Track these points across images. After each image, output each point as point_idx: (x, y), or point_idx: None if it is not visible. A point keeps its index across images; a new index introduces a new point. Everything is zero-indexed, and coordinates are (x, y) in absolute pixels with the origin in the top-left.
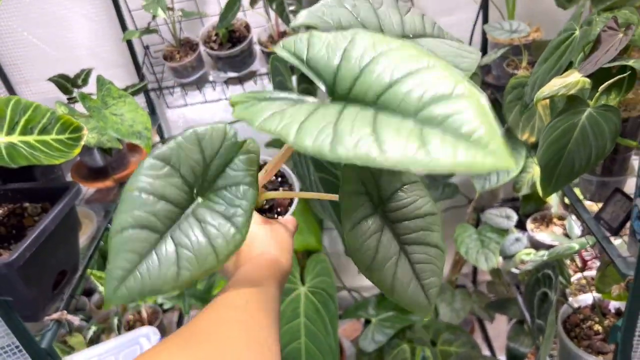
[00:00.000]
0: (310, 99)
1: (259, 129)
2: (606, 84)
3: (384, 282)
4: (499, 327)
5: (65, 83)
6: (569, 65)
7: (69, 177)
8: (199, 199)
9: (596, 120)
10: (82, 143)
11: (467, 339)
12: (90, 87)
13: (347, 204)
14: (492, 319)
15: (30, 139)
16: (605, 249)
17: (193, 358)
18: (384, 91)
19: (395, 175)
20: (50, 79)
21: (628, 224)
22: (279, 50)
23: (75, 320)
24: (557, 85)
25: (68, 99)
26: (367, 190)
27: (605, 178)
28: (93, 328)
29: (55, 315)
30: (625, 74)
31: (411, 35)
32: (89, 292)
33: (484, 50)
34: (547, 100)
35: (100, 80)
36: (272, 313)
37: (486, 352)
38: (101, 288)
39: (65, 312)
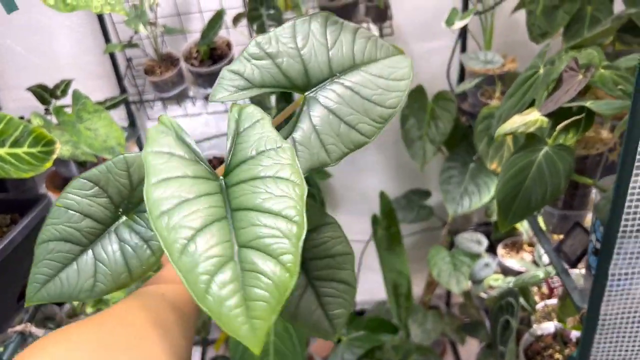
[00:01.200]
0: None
1: None
2: (563, 123)
3: (285, 310)
4: (471, 349)
5: (43, 93)
6: (533, 102)
7: (43, 187)
8: (123, 218)
9: (552, 159)
10: (54, 157)
11: None
12: (70, 98)
13: None
14: (464, 342)
15: (1, 151)
16: (563, 280)
17: (102, 338)
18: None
19: (311, 216)
20: (29, 89)
21: (585, 258)
22: None
23: (40, 332)
24: (517, 122)
25: (46, 109)
26: None
27: (567, 211)
28: None
29: (18, 328)
30: (582, 115)
31: (338, 74)
32: (59, 302)
33: (462, 78)
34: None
35: (76, 95)
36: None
37: None
38: None
39: (29, 324)
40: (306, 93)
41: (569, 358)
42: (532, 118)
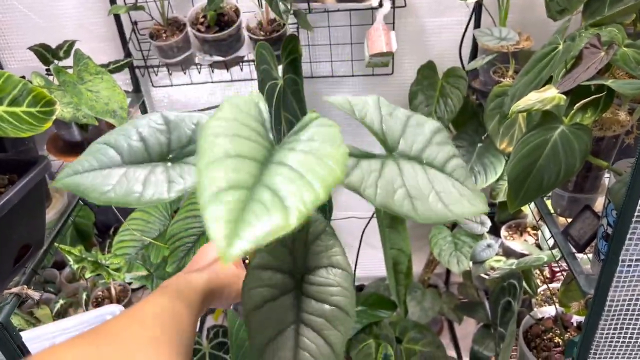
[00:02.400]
0: None
1: None
2: (582, 102)
3: (255, 336)
4: (468, 328)
5: (45, 53)
6: (550, 80)
7: (43, 149)
8: (169, 163)
9: (568, 138)
10: (54, 118)
11: (432, 338)
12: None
13: (266, 247)
14: (461, 321)
15: None
16: (569, 264)
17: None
18: None
19: (329, 250)
20: (30, 48)
21: (594, 242)
22: None
23: (36, 295)
24: (533, 99)
25: (47, 70)
26: (294, 248)
27: (577, 194)
28: (61, 301)
29: (15, 289)
30: (602, 94)
31: (424, 161)
32: (61, 265)
33: (474, 55)
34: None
35: (77, 55)
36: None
37: (452, 353)
38: (71, 262)
39: (25, 286)
40: (392, 153)
41: (569, 342)
42: (549, 95)
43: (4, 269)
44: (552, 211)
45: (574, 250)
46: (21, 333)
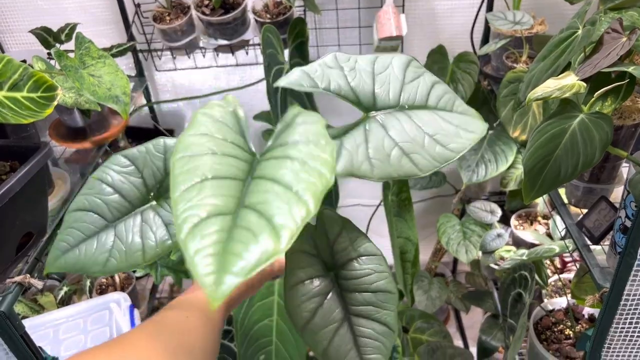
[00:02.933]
0: None
1: None
2: (603, 90)
3: (316, 345)
4: (474, 317)
5: (46, 36)
6: (568, 66)
7: (45, 135)
8: (153, 202)
9: (587, 128)
10: (55, 103)
11: (439, 328)
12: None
13: (293, 262)
14: (468, 310)
15: None
16: (584, 257)
17: None
18: None
19: (353, 242)
20: (31, 31)
21: (610, 234)
22: None
23: (39, 284)
24: (552, 87)
25: (49, 54)
26: (319, 252)
27: (593, 185)
28: (65, 289)
29: (17, 278)
30: (624, 81)
31: (406, 107)
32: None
33: (486, 39)
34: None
35: (79, 38)
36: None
37: (459, 341)
38: None
39: (28, 275)
40: (369, 113)
41: (582, 335)
42: (568, 82)
43: (6, 258)
44: (566, 201)
45: (588, 242)
46: (25, 320)
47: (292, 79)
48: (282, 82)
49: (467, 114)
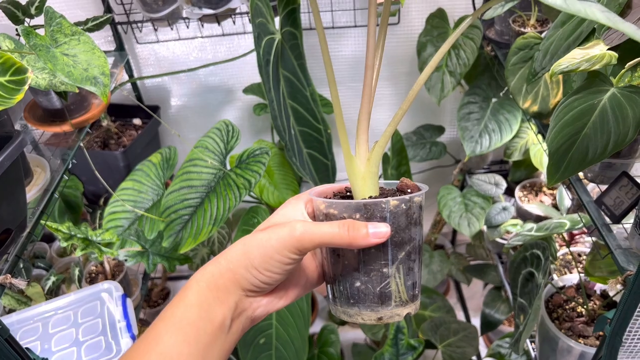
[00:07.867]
0: None
1: None
2: (636, 60)
3: None
4: (474, 288)
5: (14, 10)
6: (591, 33)
7: (22, 117)
8: None
9: (620, 103)
10: (26, 88)
11: (442, 302)
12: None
13: None
14: (469, 283)
15: None
16: (604, 237)
17: None
18: None
19: None
20: None
21: (632, 213)
22: None
23: (22, 284)
24: (578, 58)
25: (17, 31)
26: None
27: (612, 159)
28: (52, 278)
29: None
30: None
31: None
32: (50, 239)
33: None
34: None
35: (49, 13)
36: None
37: (460, 312)
38: (60, 240)
39: (9, 275)
40: None
41: (600, 317)
42: (597, 52)
43: None
44: (582, 177)
45: (608, 221)
46: (12, 314)
47: None
48: None
49: None
